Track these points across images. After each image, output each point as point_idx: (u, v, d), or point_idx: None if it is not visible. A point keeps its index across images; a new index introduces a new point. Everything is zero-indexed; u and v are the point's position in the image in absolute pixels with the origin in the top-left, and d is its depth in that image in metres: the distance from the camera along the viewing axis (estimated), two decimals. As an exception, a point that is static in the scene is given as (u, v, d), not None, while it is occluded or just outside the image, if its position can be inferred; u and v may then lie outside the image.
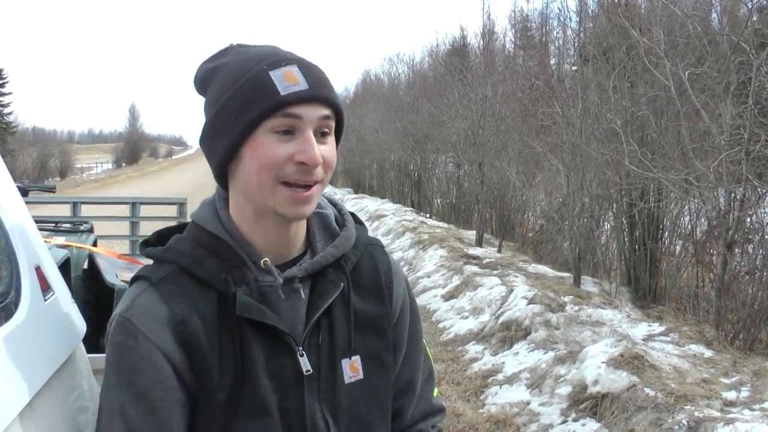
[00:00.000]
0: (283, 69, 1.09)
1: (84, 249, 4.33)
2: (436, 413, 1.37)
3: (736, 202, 6.17)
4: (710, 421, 3.71)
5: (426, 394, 1.35)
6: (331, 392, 1.16)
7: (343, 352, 1.18)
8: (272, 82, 1.08)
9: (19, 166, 40.31)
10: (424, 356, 1.36)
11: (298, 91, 1.08)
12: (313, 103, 1.09)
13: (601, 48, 9.38)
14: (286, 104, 1.07)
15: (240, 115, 1.09)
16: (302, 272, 1.17)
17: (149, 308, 1.10)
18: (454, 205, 18.48)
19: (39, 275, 1.48)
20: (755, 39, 6.33)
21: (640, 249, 8.59)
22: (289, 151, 1.08)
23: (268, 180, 1.09)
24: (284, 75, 1.08)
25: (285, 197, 1.09)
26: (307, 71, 1.10)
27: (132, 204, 5.88)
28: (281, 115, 1.07)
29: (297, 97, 1.07)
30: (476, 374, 5.61)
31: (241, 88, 1.09)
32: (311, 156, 1.07)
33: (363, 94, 34.50)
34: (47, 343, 1.42)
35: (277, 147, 1.08)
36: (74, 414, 1.50)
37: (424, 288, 8.70)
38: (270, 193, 1.10)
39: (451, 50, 26.79)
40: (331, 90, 1.12)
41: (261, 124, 1.08)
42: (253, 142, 1.09)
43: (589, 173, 8.78)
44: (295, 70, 1.09)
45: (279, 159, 1.08)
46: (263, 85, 1.08)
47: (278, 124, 1.08)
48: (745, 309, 6.02)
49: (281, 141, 1.08)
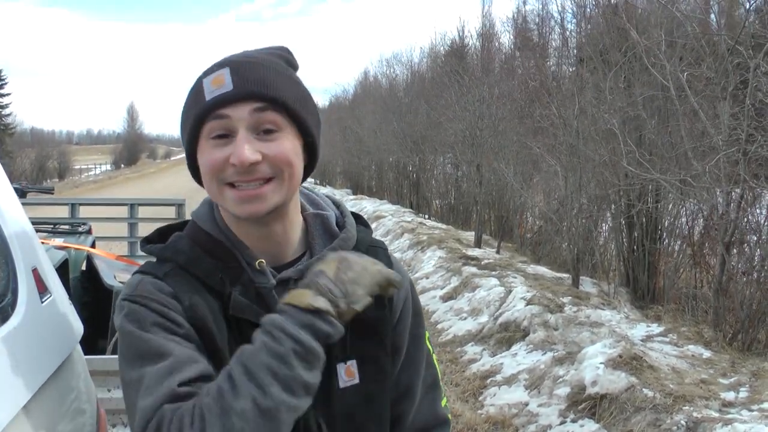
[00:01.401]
0: (212, 75, 1.11)
1: (82, 250, 4.33)
2: (440, 425, 1.33)
3: (734, 202, 6.18)
4: (709, 421, 3.71)
5: (429, 402, 1.32)
6: (326, 397, 1.14)
7: (338, 356, 1.17)
8: (202, 89, 1.10)
9: (17, 167, 40.26)
10: (428, 363, 1.32)
11: (222, 93, 1.08)
12: (240, 102, 1.08)
13: (598, 49, 9.40)
14: (212, 108, 1.09)
15: (185, 125, 1.14)
16: (297, 274, 1.15)
17: (157, 285, 1.11)
18: (453, 206, 18.50)
19: (36, 277, 1.48)
20: (752, 40, 6.34)
21: (638, 250, 8.60)
22: (224, 154, 1.09)
23: (213, 184, 1.11)
24: (212, 80, 1.10)
25: (232, 198, 1.11)
26: (237, 71, 1.10)
27: (130, 205, 5.87)
28: (212, 119, 1.09)
29: (221, 99, 1.08)
30: (475, 375, 5.61)
31: (186, 100, 1.14)
32: (239, 156, 1.07)
33: (361, 96, 34.46)
34: (44, 345, 1.42)
35: (214, 152, 1.10)
36: (72, 416, 1.50)
37: (422, 289, 8.70)
38: (220, 196, 1.12)
39: (450, 51, 26.78)
40: (265, 84, 1.10)
41: (200, 132, 1.11)
42: (200, 149, 1.12)
43: (587, 174, 8.79)
44: (223, 73, 1.10)
45: (217, 163, 1.09)
46: (196, 94, 1.12)
47: (212, 129, 1.10)
48: (743, 310, 6.02)
49: (217, 146, 1.10)
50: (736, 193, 6.19)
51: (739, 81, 6.36)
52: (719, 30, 7.17)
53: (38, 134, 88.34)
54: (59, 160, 52.99)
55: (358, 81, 39.82)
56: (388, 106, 23.78)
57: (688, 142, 6.94)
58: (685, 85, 6.57)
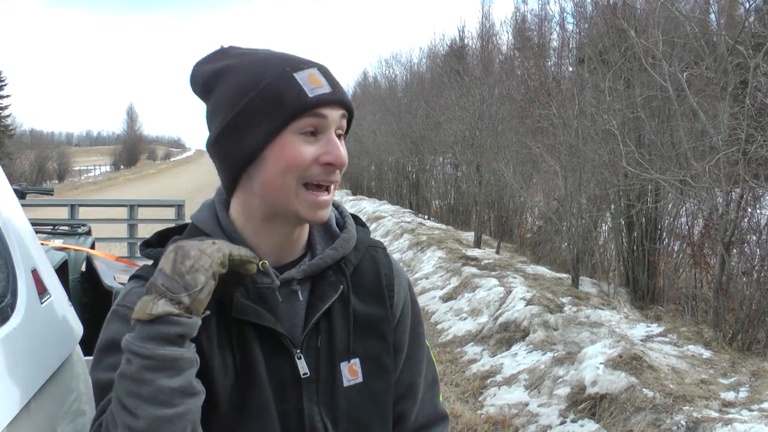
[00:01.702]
0: (306, 71, 1.10)
1: (82, 252, 4.33)
2: (441, 420, 1.35)
3: (734, 202, 6.19)
4: (708, 421, 3.71)
5: (430, 399, 1.34)
6: (330, 396, 1.16)
7: (342, 355, 1.18)
8: (298, 83, 1.09)
9: (17, 168, 40.27)
10: (428, 361, 1.34)
11: (324, 93, 1.09)
12: (335, 105, 1.11)
13: (597, 49, 9.40)
14: (315, 105, 1.08)
15: (266, 116, 1.08)
16: (300, 274, 1.16)
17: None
18: (453, 207, 18.50)
19: (35, 278, 1.48)
20: (752, 40, 6.34)
21: (638, 250, 8.60)
22: (314, 152, 1.09)
23: (292, 181, 1.10)
24: (308, 77, 1.10)
25: (308, 201, 1.11)
26: (327, 74, 1.13)
27: (130, 206, 5.87)
28: (309, 116, 1.09)
29: (324, 99, 1.09)
30: (475, 375, 5.61)
31: (265, 90, 1.09)
32: (338, 156, 1.10)
33: (361, 96, 34.46)
34: (44, 347, 1.42)
35: (304, 148, 1.09)
36: (71, 417, 1.50)
37: (422, 289, 8.70)
38: (293, 195, 1.10)
39: (449, 51, 26.77)
40: (345, 92, 1.15)
41: (289, 125, 1.09)
42: (279, 143, 1.09)
43: (587, 174, 8.79)
44: (317, 73, 1.11)
45: (306, 160, 1.09)
46: (290, 87, 1.09)
47: (305, 125, 1.09)
48: (743, 309, 6.02)
49: (307, 142, 1.09)
50: (736, 193, 6.19)
51: (738, 81, 6.37)
52: (719, 30, 7.17)
53: (38, 136, 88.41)
54: (59, 162, 52.97)
55: (358, 82, 39.88)
56: (388, 106, 23.78)
57: (688, 142, 6.95)
58: (684, 84, 6.57)
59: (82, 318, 1.87)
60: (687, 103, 6.84)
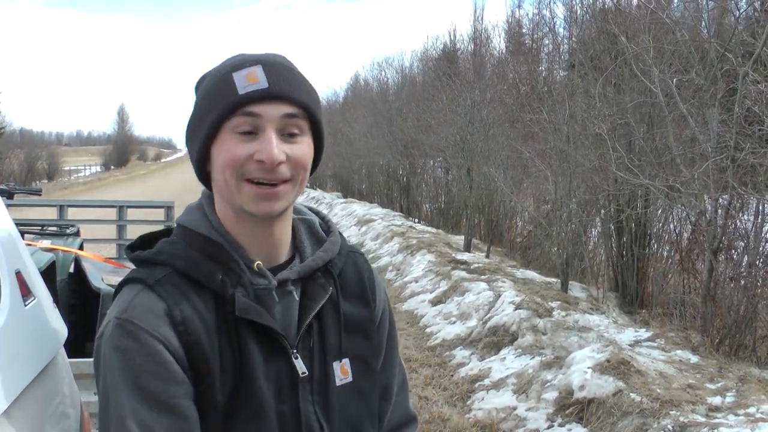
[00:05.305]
0: (246, 70, 1.11)
1: (70, 252, 4.31)
2: (411, 422, 1.40)
3: (722, 209, 6.22)
4: (695, 426, 3.73)
5: (402, 401, 1.38)
6: (324, 395, 1.18)
7: (334, 355, 1.20)
8: (233, 82, 1.10)
9: (6, 168, 40.03)
10: (399, 363, 1.39)
11: (257, 89, 1.10)
12: (273, 102, 1.10)
13: (588, 54, 9.44)
14: (244, 103, 1.09)
15: (206, 116, 1.12)
16: (294, 275, 1.18)
17: (148, 306, 1.09)
18: (443, 210, 18.51)
19: (19, 280, 1.47)
20: (741, 48, 6.38)
21: (627, 255, 8.63)
22: (249, 150, 1.10)
23: (232, 177, 1.11)
24: (246, 75, 1.10)
25: (249, 194, 1.11)
26: (271, 71, 1.12)
27: (119, 207, 5.83)
28: (241, 114, 1.10)
29: (256, 95, 1.09)
30: (463, 379, 5.61)
31: (209, 91, 1.13)
32: (268, 154, 1.08)
33: (352, 99, 34.48)
34: (27, 349, 1.41)
35: (239, 146, 1.10)
36: (56, 420, 1.49)
37: (411, 293, 8.70)
38: (236, 190, 1.11)
39: (441, 55, 26.80)
40: (296, 88, 1.13)
41: (224, 124, 1.11)
42: (219, 141, 1.11)
43: (577, 179, 8.82)
44: (257, 70, 1.11)
45: (240, 157, 1.10)
46: (225, 86, 1.11)
47: (239, 123, 1.10)
48: (730, 315, 6.05)
49: (243, 141, 1.10)
50: (724, 199, 6.23)
51: (727, 88, 6.40)
52: (709, 37, 7.21)
53: (27, 135, 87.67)
54: (48, 161, 52.70)
55: (350, 85, 39.86)
56: (379, 109, 23.78)
57: (677, 149, 6.98)
58: (674, 91, 6.60)
59: (69, 319, 1.86)
60: (676, 110, 6.87)
